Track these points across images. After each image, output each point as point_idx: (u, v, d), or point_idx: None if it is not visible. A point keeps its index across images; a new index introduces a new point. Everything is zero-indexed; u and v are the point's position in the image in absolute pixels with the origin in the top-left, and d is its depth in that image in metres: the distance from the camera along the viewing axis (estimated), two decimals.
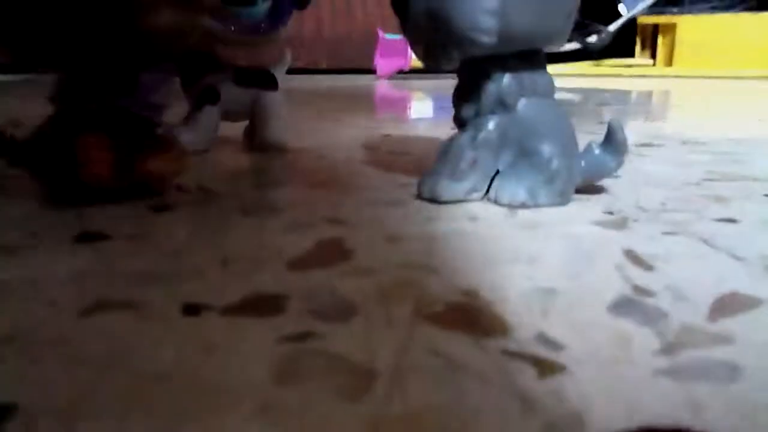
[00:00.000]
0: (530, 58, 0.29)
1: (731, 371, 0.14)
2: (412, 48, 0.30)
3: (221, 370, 0.14)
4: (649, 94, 1.27)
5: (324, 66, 1.81)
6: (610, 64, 2.27)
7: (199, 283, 0.19)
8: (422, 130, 0.61)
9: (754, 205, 0.30)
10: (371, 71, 1.69)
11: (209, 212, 0.28)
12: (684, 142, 0.51)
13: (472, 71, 0.29)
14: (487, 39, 0.26)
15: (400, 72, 1.70)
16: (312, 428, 0.12)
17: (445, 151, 0.30)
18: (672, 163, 0.41)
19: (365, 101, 1.02)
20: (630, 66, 2.29)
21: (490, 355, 0.15)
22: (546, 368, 0.14)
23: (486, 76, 0.29)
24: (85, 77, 0.28)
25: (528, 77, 0.29)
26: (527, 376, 0.14)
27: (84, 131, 0.27)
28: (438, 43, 0.28)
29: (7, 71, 1.21)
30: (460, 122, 0.30)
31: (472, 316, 0.17)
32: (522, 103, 0.29)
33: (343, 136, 0.54)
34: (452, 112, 0.31)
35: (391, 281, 0.20)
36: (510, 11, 0.26)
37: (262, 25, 0.40)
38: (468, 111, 0.30)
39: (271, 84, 0.44)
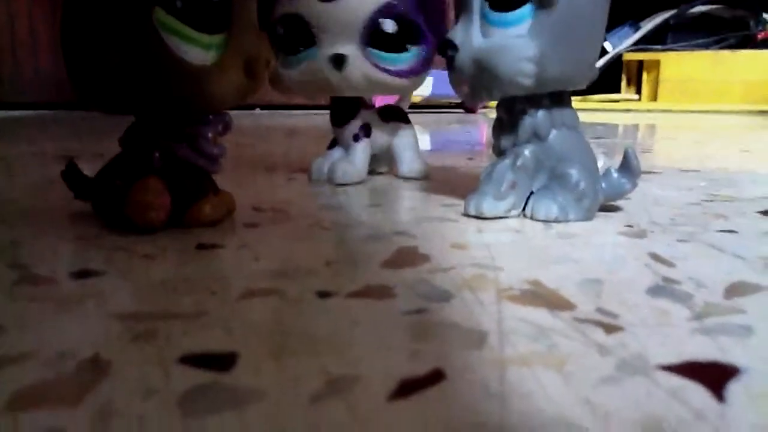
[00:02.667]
0: (559, 96, 0.34)
1: (746, 330, 0.19)
2: (455, 88, 0.35)
3: (367, 332, 0.19)
4: (637, 127, 1.34)
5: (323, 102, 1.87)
6: (597, 100, 2.36)
7: (319, 279, 0.24)
8: (438, 160, 0.67)
9: (749, 220, 0.35)
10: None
11: (292, 228, 0.33)
12: (681, 170, 0.57)
13: (511, 108, 0.35)
14: (527, 82, 0.32)
15: None
16: (454, 368, 0.17)
17: (488, 174, 0.35)
18: (673, 188, 0.47)
19: None
20: (617, 101, 2.38)
21: (565, 322, 0.20)
22: (610, 329, 0.19)
23: (523, 112, 0.34)
24: (150, 125, 0.32)
25: (557, 112, 0.34)
26: (597, 333, 0.19)
27: (144, 177, 0.31)
28: (483, 85, 0.33)
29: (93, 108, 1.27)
30: (499, 151, 0.36)
31: (543, 298, 0.22)
32: (553, 134, 0.34)
33: None
34: (455, 144, 0.36)
35: (469, 275, 0.25)
36: (546, 59, 0.31)
37: (415, 68, 0.45)
38: (506, 141, 0.35)
39: (408, 119, 0.51)
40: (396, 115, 0.51)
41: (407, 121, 0.51)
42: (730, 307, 0.21)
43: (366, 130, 0.48)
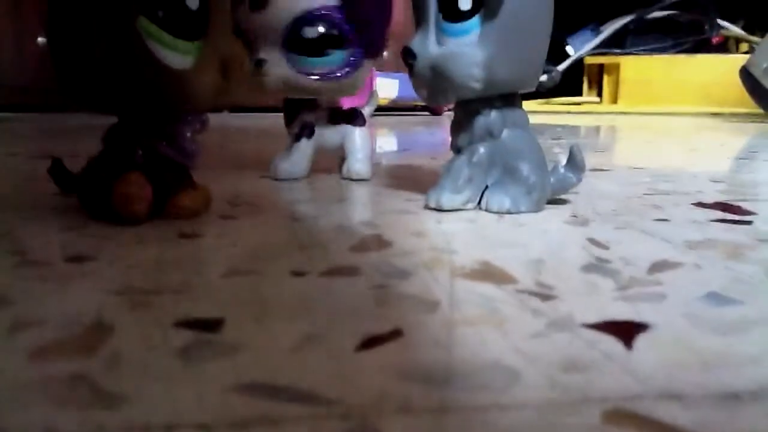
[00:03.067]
0: (510, 98, 0.38)
1: (661, 297, 0.23)
2: (416, 91, 0.38)
3: (337, 301, 0.22)
4: (597, 129, 1.39)
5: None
6: (559, 102, 2.42)
7: (291, 261, 0.27)
8: (403, 160, 0.70)
9: (682, 211, 0.39)
10: None
11: (265, 219, 0.36)
12: (629, 168, 0.61)
13: (466, 109, 0.38)
14: (477, 85, 0.35)
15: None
16: (410, 328, 0.20)
17: (447, 170, 0.38)
18: (620, 183, 0.51)
19: None
20: (578, 104, 2.44)
21: (507, 292, 0.23)
22: (545, 297, 0.22)
23: (477, 112, 0.37)
24: (132, 124, 0.34)
25: (509, 113, 0.38)
26: (533, 301, 0.22)
27: (127, 171, 0.33)
28: (439, 89, 0.36)
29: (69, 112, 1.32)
30: (456, 148, 0.39)
31: (490, 275, 0.25)
32: (505, 133, 0.37)
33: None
34: (419, 145, 0.39)
35: (427, 258, 0.28)
36: (494, 64, 0.35)
37: (339, 72, 0.48)
38: (463, 140, 0.38)
39: (360, 121, 0.52)
40: (347, 118, 0.52)
41: (361, 124, 0.53)
42: (651, 280, 0.25)
43: (308, 131, 0.51)
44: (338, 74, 0.48)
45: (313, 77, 0.47)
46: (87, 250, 0.28)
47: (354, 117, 0.53)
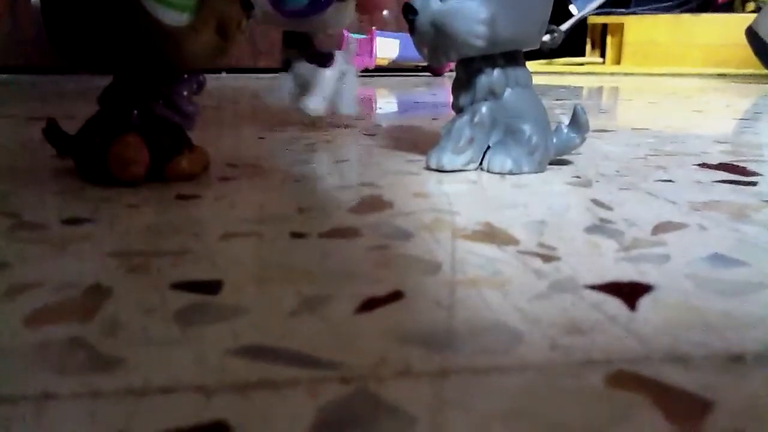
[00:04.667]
0: (513, 56, 0.37)
1: (664, 257, 0.22)
2: (418, 49, 0.38)
3: (336, 263, 0.22)
4: (600, 90, 1.37)
5: None
6: (562, 63, 2.39)
7: (292, 223, 0.27)
8: (404, 121, 0.69)
9: (686, 172, 0.39)
10: None
11: (265, 180, 0.35)
12: (633, 129, 0.61)
13: (468, 68, 0.37)
14: (480, 43, 0.34)
15: (365, 70, 1.78)
16: (411, 290, 0.19)
17: (448, 131, 0.37)
18: (623, 144, 0.50)
19: None
20: (581, 64, 2.41)
21: (509, 254, 0.23)
22: (547, 258, 0.22)
23: (479, 71, 0.37)
24: (128, 84, 0.34)
25: (512, 71, 0.37)
26: (536, 262, 0.22)
27: (123, 133, 0.33)
28: (440, 46, 0.36)
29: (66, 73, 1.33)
30: (458, 108, 0.38)
31: (492, 236, 0.25)
32: (508, 93, 0.37)
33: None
34: (420, 105, 0.38)
35: (428, 219, 0.27)
36: (497, 21, 0.34)
37: (307, 11, 0.52)
38: (465, 99, 0.37)
39: (328, 63, 0.56)
40: (318, 59, 0.56)
41: (327, 65, 0.56)
42: (654, 241, 0.24)
43: (285, 64, 0.57)
44: (307, 13, 0.52)
45: (283, 14, 0.52)
46: (84, 213, 0.28)
47: (323, 59, 0.56)
